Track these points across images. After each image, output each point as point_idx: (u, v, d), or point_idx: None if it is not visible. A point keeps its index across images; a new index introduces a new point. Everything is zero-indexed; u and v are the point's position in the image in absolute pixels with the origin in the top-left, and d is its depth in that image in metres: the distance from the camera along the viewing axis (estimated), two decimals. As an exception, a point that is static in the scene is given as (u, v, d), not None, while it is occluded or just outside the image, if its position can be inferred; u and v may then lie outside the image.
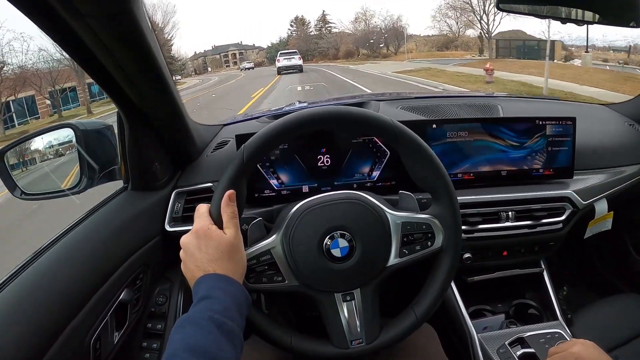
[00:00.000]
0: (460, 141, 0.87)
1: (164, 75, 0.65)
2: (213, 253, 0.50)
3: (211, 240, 0.51)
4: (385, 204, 0.61)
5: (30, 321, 0.52)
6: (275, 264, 0.57)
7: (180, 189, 0.84)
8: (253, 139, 0.55)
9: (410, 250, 0.59)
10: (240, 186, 0.55)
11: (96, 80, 0.63)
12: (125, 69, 0.60)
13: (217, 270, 0.49)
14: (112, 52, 0.56)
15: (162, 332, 0.81)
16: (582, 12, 0.91)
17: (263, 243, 0.58)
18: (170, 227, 0.81)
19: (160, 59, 0.63)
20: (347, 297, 0.59)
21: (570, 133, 0.89)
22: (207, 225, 0.52)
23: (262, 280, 0.58)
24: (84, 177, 0.80)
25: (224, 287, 0.48)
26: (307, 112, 0.56)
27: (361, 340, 0.59)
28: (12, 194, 0.82)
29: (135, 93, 0.66)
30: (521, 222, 0.86)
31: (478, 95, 1.36)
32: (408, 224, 0.59)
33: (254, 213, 0.75)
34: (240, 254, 0.52)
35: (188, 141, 0.83)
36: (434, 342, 0.77)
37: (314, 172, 0.81)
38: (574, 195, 0.88)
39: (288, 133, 0.56)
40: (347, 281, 0.59)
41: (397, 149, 0.59)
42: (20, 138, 0.84)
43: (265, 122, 1.00)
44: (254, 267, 0.57)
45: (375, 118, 0.57)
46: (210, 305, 0.45)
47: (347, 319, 0.59)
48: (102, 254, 0.68)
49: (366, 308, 0.59)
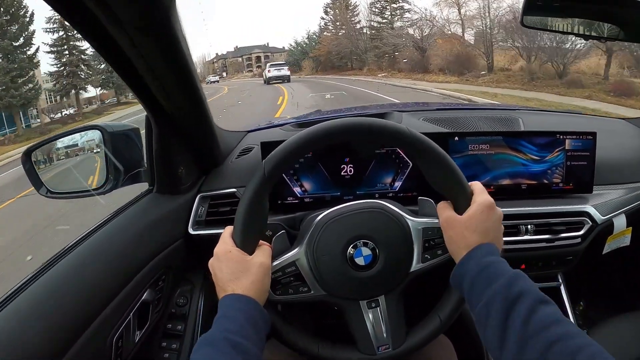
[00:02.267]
0: (482, 154, 0.87)
1: (194, 80, 0.67)
2: (232, 274, 0.52)
3: (230, 262, 0.53)
4: (405, 211, 0.62)
5: (55, 317, 0.53)
6: (300, 275, 0.58)
7: (204, 193, 0.85)
8: (273, 154, 0.55)
9: (432, 255, 0.60)
10: (263, 202, 0.56)
11: (129, 84, 0.65)
12: (158, 74, 0.62)
13: (236, 290, 0.51)
14: (146, 58, 0.58)
15: (182, 333, 0.82)
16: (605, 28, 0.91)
17: (287, 255, 0.59)
18: (193, 231, 0.83)
19: (192, 65, 0.64)
20: (372, 304, 0.60)
21: (591, 148, 0.89)
22: (228, 248, 0.54)
23: (288, 292, 0.58)
24: (110, 178, 0.81)
25: (241, 306, 0.50)
26: (320, 127, 0.55)
27: (388, 346, 0.60)
28: (38, 192, 0.84)
29: (166, 97, 0.67)
30: (540, 235, 0.86)
31: (499, 107, 1.36)
32: (429, 229, 0.59)
33: (276, 219, 0.76)
34: (262, 274, 0.53)
35: (213, 146, 0.84)
36: (450, 353, 0.77)
37: (337, 181, 0.82)
38: (592, 210, 0.88)
39: (306, 147, 0.56)
40: (371, 288, 0.59)
41: (415, 157, 0.58)
42: (48, 138, 0.85)
43: (289, 130, 1.01)
44: (279, 279, 0.58)
45: (391, 128, 0.56)
46: (227, 325, 0.47)
47: (373, 325, 0.60)
48: (126, 255, 0.69)
49: (391, 314, 0.60)
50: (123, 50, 0.56)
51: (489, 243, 0.53)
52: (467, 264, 0.52)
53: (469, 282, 0.51)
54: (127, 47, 0.54)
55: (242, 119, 8.89)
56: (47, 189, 0.84)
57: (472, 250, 0.53)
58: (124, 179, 0.82)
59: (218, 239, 0.82)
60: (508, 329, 0.44)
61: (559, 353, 0.40)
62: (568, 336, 0.41)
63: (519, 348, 0.42)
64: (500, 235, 0.56)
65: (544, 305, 0.44)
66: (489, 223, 0.54)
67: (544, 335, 0.41)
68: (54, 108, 23.65)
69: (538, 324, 0.42)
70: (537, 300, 0.45)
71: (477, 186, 0.58)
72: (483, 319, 0.47)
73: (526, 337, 0.42)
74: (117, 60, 0.58)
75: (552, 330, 0.41)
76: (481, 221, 0.54)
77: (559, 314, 0.44)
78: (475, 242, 0.53)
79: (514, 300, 0.45)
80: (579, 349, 0.39)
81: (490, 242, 0.54)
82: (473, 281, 0.50)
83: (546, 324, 0.42)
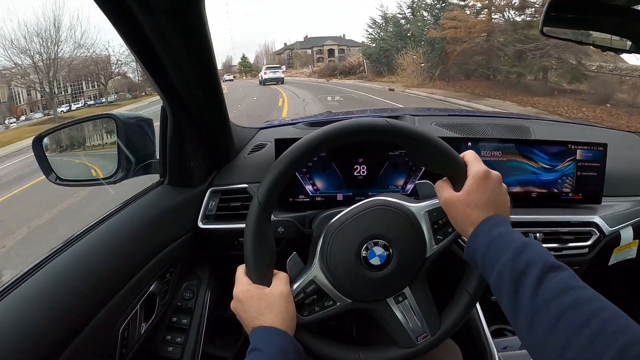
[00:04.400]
0: (494, 160, 0.87)
1: (214, 74, 0.67)
2: (256, 311, 0.52)
3: (252, 300, 0.53)
4: (405, 199, 0.61)
5: (63, 304, 0.53)
6: (322, 291, 0.58)
7: (216, 187, 0.85)
8: (264, 181, 0.55)
9: (444, 235, 0.59)
10: (266, 231, 0.55)
11: (151, 74, 0.65)
12: (181, 64, 0.62)
13: (264, 323, 0.51)
14: (171, 47, 0.58)
15: (187, 327, 0.82)
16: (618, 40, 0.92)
17: (304, 276, 0.58)
18: (203, 224, 0.82)
19: (214, 58, 0.64)
20: (399, 298, 0.59)
21: (601, 159, 0.90)
22: (245, 287, 0.54)
23: (315, 310, 0.58)
24: (121, 168, 0.81)
25: (269, 337, 0.50)
26: (300, 144, 0.55)
27: (426, 334, 0.59)
28: (47, 178, 0.83)
29: (185, 89, 0.67)
30: (548, 244, 0.86)
31: (510, 116, 1.36)
32: (433, 210, 0.59)
33: (287, 217, 0.76)
34: (284, 303, 0.53)
35: (227, 141, 0.84)
36: (457, 358, 0.77)
37: (349, 181, 0.82)
38: (600, 221, 0.89)
39: (294, 166, 0.55)
40: (394, 284, 0.59)
41: (402, 145, 0.58)
42: (60, 124, 0.85)
43: (302, 129, 1.01)
44: (303, 301, 0.57)
45: (368, 124, 0.55)
46: (257, 357, 0.48)
47: (406, 318, 0.59)
48: (135, 245, 0.69)
49: (420, 302, 0.60)
50: (147, 38, 0.56)
51: (494, 215, 0.52)
52: (475, 241, 0.51)
53: (480, 258, 0.50)
54: (153, 33, 0.54)
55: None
56: (57, 176, 0.83)
57: (478, 227, 0.52)
58: (135, 170, 0.81)
59: (227, 234, 0.83)
60: (518, 302, 0.43)
61: (567, 325, 0.38)
62: (578, 304, 0.39)
63: (529, 322, 0.41)
64: (505, 199, 0.55)
65: (552, 273, 0.42)
66: (488, 194, 0.53)
67: (552, 306, 0.40)
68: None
69: (546, 295, 0.41)
70: (544, 270, 0.43)
71: (469, 156, 0.56)
72: (497, 293, 0.46)
73: (535, 310, 0.41)
74: (141, 47, 0.58)
75: (560, 300, 0.40)
76: (480, 194, 0.52)
77: (569, 280, 0.42)
78: (479, 217, 0.52)
79: (520, 273, 0.44)
80: (590, 317, 0.37)
81: (494, 212, 0.52)
82: (484, 255, 0.49)
83: (554, 294, 0.40)
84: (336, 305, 0.58)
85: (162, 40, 0.56)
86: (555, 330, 0.38)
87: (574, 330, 0.37)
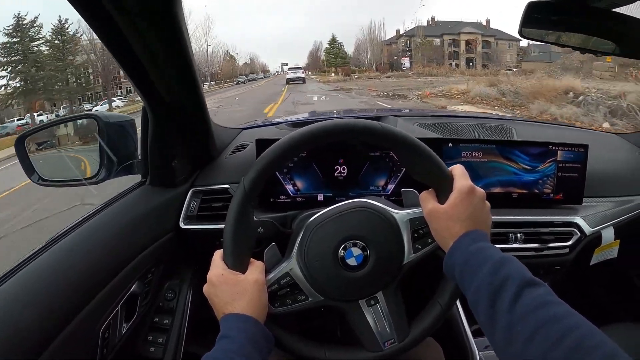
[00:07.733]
0: (474, 161, 0.88)
1: (193, 74, 0.67)
2: (228, 296, 0.52)
3: (225, 285, 0.53)
4: (390, 205, 0.62)
5: (43, 305, 0.53)
6: (296, 285, 0.58)
7: (197, 187, 0.85)
8: (252, 169, 0.55)
9: (423, 245, 0.60)
10: (248, 219, 0.56)
11: (129, 73, 0.65)
12: (159, 63, 0.62)
13: (235, 310, 0.51)
14: (149, 47, 0.58)
15: (169, 327, 0.82)
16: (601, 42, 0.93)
17: (280, 267, 0.59)
18: (184, 225, 0.82)
19: (192, 59, 0.65)
20: (371, 301, 0.60)
21: (582, 160, 0.90)
22: (220, 271, 0.54)
23: (286, 303, 0.58)
24: (103, 168, 0.81)
25: (240, 325, 0.50)
26: (290, 137, 0.55)
27: (393, 340, 0.60)
28: (29, 178, 0.83)
29: (165, 88, 0.68)
30: (529, 244, 0.87)
31: (493, 117, 1.37)
32: (415, 219, 0.59)
33: (268, 217, 0.76)
34: (258, 291, 0.54)
35: (208, 141, 0.84)
36: (438, 357, 0.78)
37: (330, 182, 0.82)
38: (581, 221, 0.89)
39: (283, 158, 0.56)
40: (367, 287, 0.60)
41: (393, 149, 0.59)
42: (43, 124, 0.85)
43: (284, 129, 1.01)
44: (276, 292, 0.58)
45: (362, 126, 0.56)
46: (226, 345, 0.48)
47: (376, 322, 0.60)
48: (116, 246, 0.69)
49: (391, 308, 0.60)
50: (125, 39, 0.56)
51: (474, 230, 0.53)
52: (454, 254, 0.52)
53: (458, 271, 0.50)
54: (131, 35, 0.55)
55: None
56: (39, 176, 0.83)
57: (458, 240, 0.52)
58: (117, 170, 0.82)
59: (209, 234, 0.83)
60: (495, 316, 0.43)
61: (544, 338, 0.38)
62: (555, 319, 0.39)
63: (506, 336, 0.41)
64: (486, 216, 0.56)
65: (530, 289, 0.43)
66: (471, 209, 0.53)
67: (529, 320, 0.40)
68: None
69: (523, 310, 0.41)
70: (522, 285, 0.43)
71: (457, 170, 0.57)
72: (474, 307, 0.47)
73: (512, 324, 0.41)
74: (119, 48, 0.59)
75: (537, 315, 0.40)
76: (463, 208, 0.53)
77: (546, 296, 0.42)
78: (459, 231, 0.53)
79: (498, 287, 0.44)
80: (567, 332, 0.38)
81: (475, 228, 0.53)
82: (462, 269, 0.50)
83: (531, 308, 0.41)
84: (308, 300, 0.59)
85: (140, 41, 0.57)
86: (532, 345, 0.39)
87: (550, 344, 0.38)
